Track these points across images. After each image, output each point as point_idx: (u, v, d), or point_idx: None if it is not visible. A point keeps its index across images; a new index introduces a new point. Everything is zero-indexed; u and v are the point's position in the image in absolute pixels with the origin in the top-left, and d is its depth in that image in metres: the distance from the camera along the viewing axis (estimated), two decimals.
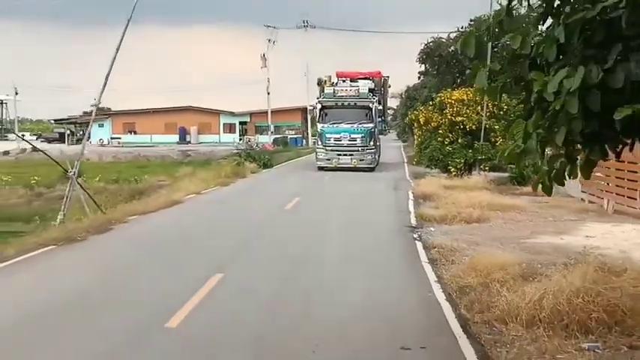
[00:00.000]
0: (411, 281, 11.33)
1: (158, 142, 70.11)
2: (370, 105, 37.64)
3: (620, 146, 5.73)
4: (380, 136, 43.37)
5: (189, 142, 71.85)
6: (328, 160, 36.60)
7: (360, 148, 36.56)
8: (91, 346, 7.84)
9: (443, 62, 47.11)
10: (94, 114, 24.76)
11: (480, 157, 28.10)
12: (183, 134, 73.75)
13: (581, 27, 5.19)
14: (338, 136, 36.66)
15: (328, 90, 38.82)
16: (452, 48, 42.55)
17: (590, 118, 5.21)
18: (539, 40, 5.56)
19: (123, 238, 15.70)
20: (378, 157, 39.96)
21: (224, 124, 76.23)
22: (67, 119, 79.86)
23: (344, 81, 41.17)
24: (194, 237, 15.75)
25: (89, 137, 30.33)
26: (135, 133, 74.73)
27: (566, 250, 13.49)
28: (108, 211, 19.61)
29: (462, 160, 28.48)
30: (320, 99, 38.84)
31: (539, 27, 5.84)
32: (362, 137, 36.52)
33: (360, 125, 36.74)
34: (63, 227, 16.45)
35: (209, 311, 9.27)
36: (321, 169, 36.28)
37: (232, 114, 76.00)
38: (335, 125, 36.93)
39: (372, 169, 36.25)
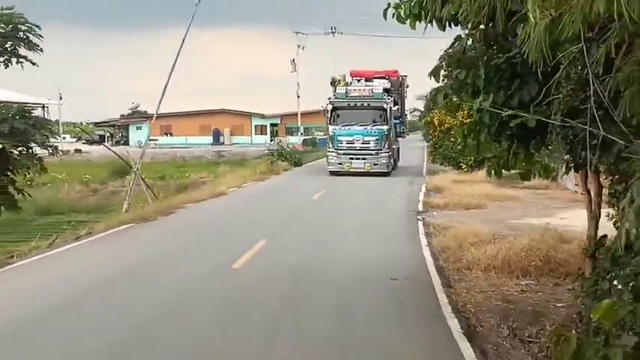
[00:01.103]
0: (408, 245, 15.23)
1: (193, 143, 74.28)
2: (385, 105, 35.42)
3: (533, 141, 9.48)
4: (399, 139, 42.27)
5: (223, 143, 75.98)
6: (340, 164, 34.87)
7: (373, 152, 34.68)
8: (182, 277, 11.82)
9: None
10: (154, 117, 29.17)
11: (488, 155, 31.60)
12: (216, 136, 78.09)
13: (496, 68, 8.97)
14: (350, 138, 34.85)
15: (340, 90, 36.53)
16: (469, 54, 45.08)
17: (503, 125, 8.99)
18: (475, 74, 9.34)
19: (185, 218, 19.82)
20: (394, 160, 38.21)
21: (255, 125, 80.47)
22: (107, 122, 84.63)
23: (358, 80, 39.18)
24: (240, 218, 19.80)
25: (148, 138, 34.60)
26: (171, 135, 79.20)
27: (540, 227, 17.12)
28: (163, 201, 23.72)
29: (472, 158, 32.08)
30: (331, 99, 36.41)
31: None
32: (376, 140, 34.66)
33: (373, 127, 34.86)
34: (134, 212, 20.53)
35: (259, 261, 13.26)
36: (332, 173, 34.66)
37: (263, 116, 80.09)
38: (347, 127, 34.99)
39: (386, 174, 34.56)
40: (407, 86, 43.89)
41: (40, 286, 11.46)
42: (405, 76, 43.25)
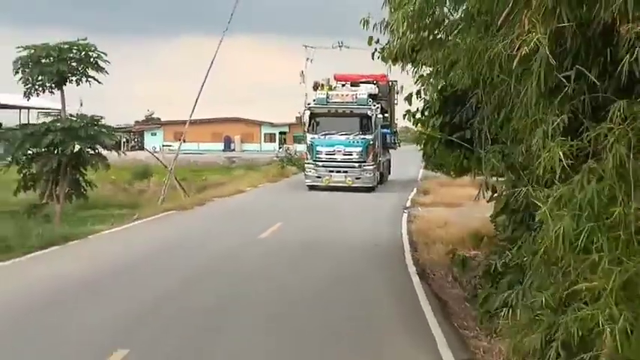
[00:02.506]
0: (392, 228, 20.08)
1: (205, 149, 79.20)
2: (369, 112, 32.34)
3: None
4: (391, 151, 40.02)
5: (233, 150, 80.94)
6: (318, 177, 31.93)
7: (356, 164, 31.87)
8: (225, 242, 16.61)
9: None
10: (187, 125, 33.82)
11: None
12: (227, 143, 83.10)
13: (446, 98, 13.73)
14: (330, 149, 31.99)
15: (320, 95, 33.36)
16: None
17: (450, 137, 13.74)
18: (433, 102, 14.09)
19: (215, 208, 24.77)
20: (381, 174, 35.55)
21: (265, 133, 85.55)
22: (122, 128, 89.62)
23: (343, 85, 36.11)
24: (260, 208, 24.85)
25: (184, 141, 39.41)
26: (184, 141, 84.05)
27: None
28: (193, 196, 28.59)
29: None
30: (309, 105, 33.74)
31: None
32: (359, 151, 31.78)
33: (356, 137, 32.07)
34: (170, 203, 25.33)
35: (278, 234, 18.24)
36: (311, 188, 31.92)
37: (272, 124, 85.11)
38: (327, 136, 32.24)
39: (370, 189, 31.79)
40: (397, 92, 36.92)
41: (123, 247, 16.37)
42: (395, 81, 36.80)
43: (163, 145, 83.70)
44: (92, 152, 21.19)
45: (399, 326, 10.04)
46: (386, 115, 36.95)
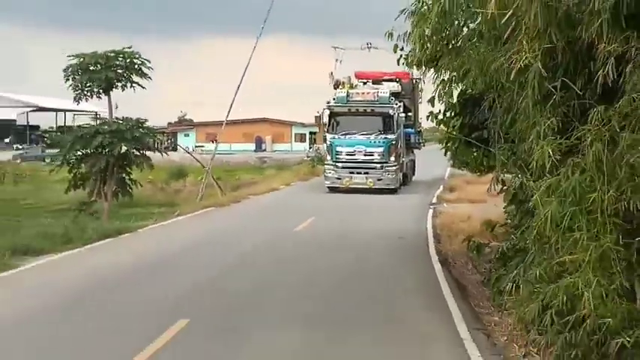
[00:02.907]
0: (418, 223, 21.38)
1: (237, 150, 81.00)
2: (390, 111, 31.39)
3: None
4: (415, 151, 39.45)
5: (265, 150, 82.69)
6: (338, 178, 31.05)
7: (378, 165, 30.96)
8: (263, 234, 18.09)
9: None
10: (223, 126, 35.43)
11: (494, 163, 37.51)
12: (259, 143, 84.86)
13: (465, 100, 15.06)
14: (351, 149, 31.15)
15: (340, 93, 32.36)
16: None
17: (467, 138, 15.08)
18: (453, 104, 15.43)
19: (251, 204, 26.35)
20: (405, 175, 34.87)
21: (295, 134, 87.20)
22: (156, 129, 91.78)
23: (365, 83, 35.19)
24: (294, 204, 26.47)
25: (214, 142, 40.87)
26: (216, 141, 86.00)
27: None
28: (228, 194, 30.15)
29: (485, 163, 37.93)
30: (329, 104, 32.29)
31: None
32: (381, 151, 30.94)
33: (378, 136, 31.20)
34: (208, 201, 26.90)
35: (311, 228, 19.71)
36: (332, 190, 31.18)
37: (303, 125, 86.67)
38: (347, 136, 31.39)
39: (392, 191, 30.86)
40: (421, 90, 35.61)
41: (170, 239, 17.95)
42: (419, 78, 33.67)
43: (196, 146, 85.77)
44: (137, 153, 22.78)
45: (421, 304, 11.44)
46: (409, 114, 36.13)
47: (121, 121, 22.59)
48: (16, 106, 78.83)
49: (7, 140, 79.52)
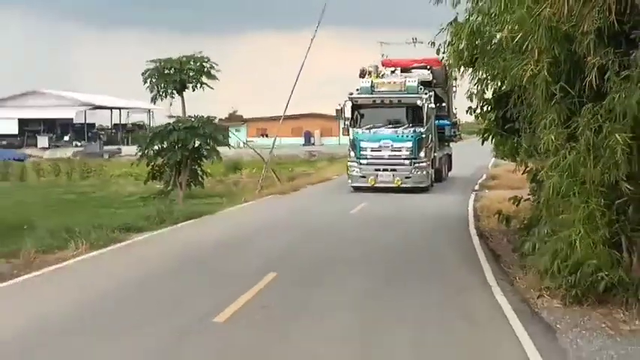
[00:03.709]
0: (460, 205, 24.01)
1: (286, 144, 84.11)
2: (419, 102, 28.66)
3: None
4: (451, 144, 37.42)
5: (313, 144, 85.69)
6: (363, 177, 28.90)
7: (406, 161, 28.47)
8: (321, 219, 20.90)
9: None
10: (281, 121, 38.27)
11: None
12: (307, 137, 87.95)
13: (499, 96, 17.63)
14: (376, 144, 28.85)
15: (364, 83, 29.92)
16: None
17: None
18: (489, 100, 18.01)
19: (308, 192, 29.41)
20: (437, 171, 32.00)
21: (342, 127, 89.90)
22: None
23: (393, 71, 33.02)
24: (346, 192, 29.03)
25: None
26: (266, 136, 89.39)
27: None
28: (284, 184, 33.07)
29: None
30: (352, 95, 29.76)
31: None
32: (409, 146, 28.48)
33: (406, 130, 28.82)
34: (268, 190, 29.84)
35: (364, 211, 22.49)
36: (356, 189, 29.05)
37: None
38: (372, 130, 29.06)
39: (423, 189, 28.64)
40: (455, 79, 30.02)
41: (247, 219, 20.95)
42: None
43: (247, 141, 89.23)
44: (208, 147, 25.74)
45: (460, 264, 14.16)
46: (443, 104, 34.20)
47: (193, 119, 25.55)
48: (74, 105, 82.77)
49: (66, 138, 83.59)
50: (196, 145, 25.32)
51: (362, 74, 31.26)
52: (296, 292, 11.48)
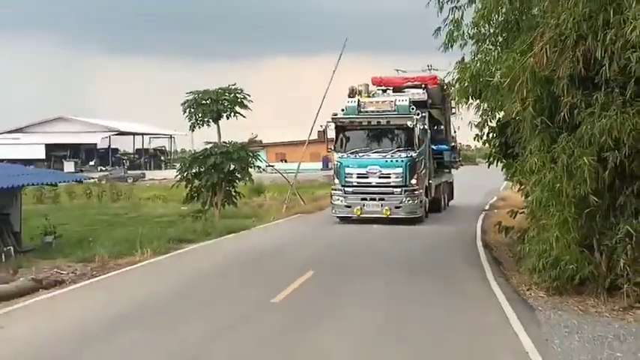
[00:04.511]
0: (470, 223, 26.81)
1: (305, 169, 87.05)
2: (410, 123, 26.27)
3: None
4: (452, 171, 35.38)
5: (331, 169, 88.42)
6: (348, 206, 26.59)
7: (396, 189, 26.11)
8: (347, 230, 23.78)
9: None
10: (305, 146, 41.16)
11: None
12: (325, 162, 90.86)
13: (503, 125, 20.50)
14: (362, 171, 26.54)
15: (350, 103, 27.55)
16: None
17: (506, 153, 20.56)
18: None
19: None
20: (434, 200, 29.68)
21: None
22: None
23: (384, 91, 30.71)
24: None
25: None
26: (285, 161, 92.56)
27: None
28: (308, 205, 35.96)
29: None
30: (336, 116, 27.59)
31: None
32: (399, 172, 26.12)
33: (395, 154, 26.45)
34: (294, 210, 32.73)
35: (384, 228, 25.18)
36: (342, 219, 27.09)
37: None
38: (358, 155, 26.78)
39: (415, 220, 26.23)
40: (453, 99, 27.10)
41: (280, 233, 23.87)
42: (450, 84, 29.37)
43: (267, 166, 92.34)
44: (241, 170, 28.66)
45: (465, 266, 16.99)
46: (441, 127, 32.43)
47: (228, 145, 28.51)
48: (98, 131, 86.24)
49: (91, 163, 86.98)
50: (231, 168, 28.21)
51: (351, 94, 28.57)
52: (331, 283, 14.53)
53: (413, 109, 26.97)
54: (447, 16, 15.43)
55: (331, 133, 27.86)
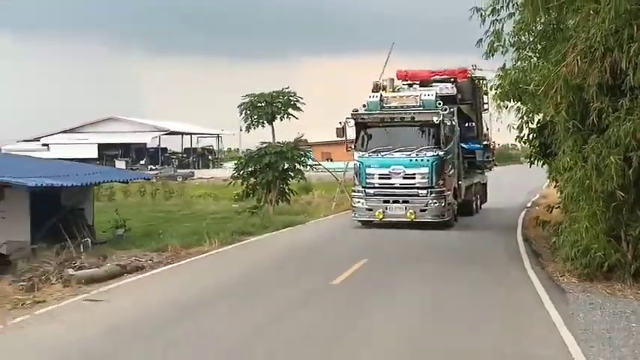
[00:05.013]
0: (513, 217, 28.32)
1: (351, 167, 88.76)
2: (436, 119, 24.45)
3: None
4: (485, 172, 33.25)
5: None
6: (369, 209, 25.07)
7: (421, 191, 24.44)
8: (393, 228, 25.53)
9: None
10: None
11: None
12: None
13: (541, 126, 22.10)
14: (385, 171, 24.92)
15: (372, 99, 25.94)
16: None
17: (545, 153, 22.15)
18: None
19: None
20: (465, 203, 28.12)
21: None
22: None
23: (411, 85, 29.06)
24: None
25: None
26: (331, 160, 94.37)
27: None
28: None
29: None
30: (356, 112, 25.87)
31: None
32: (425, 172, 24.43)
33: (420, 153, 24.60)
34: (342, 207, 34.50)
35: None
36: (364, 224, 25.65)
37: None
38: (380, 154, 25.08)
39: (443, 225, 24.60)
40: (486, 93, 29.74)
41: (334, 226, 25.72)
42: (482, 78, 29.51)
43: (315, 164, 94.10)
44: (293, 169, 30.58)
45: (505, 257, 18.61)
46: (472, 124, 30.18)
47: (282, 145, 30.44)
48: (147, 131, 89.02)
49: (142, 162, 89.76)
50: (285, 167, 30.12)
51: (375, 89, 27.07)
52: (383, 268, 16.40)
53: (440, 104, 25.15)
54: (488, 28, 17.10)
55: (351, 131, 25.99)
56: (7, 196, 19.54)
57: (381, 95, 25.96)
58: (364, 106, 25.93)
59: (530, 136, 22.45)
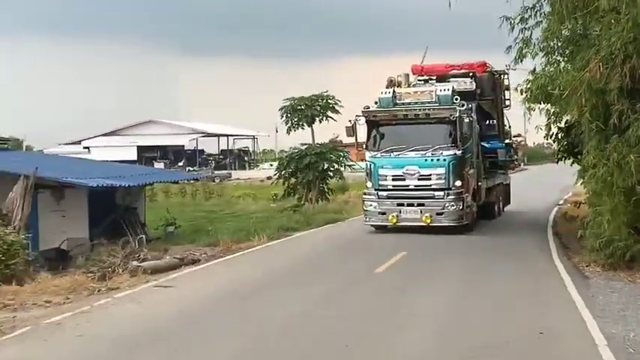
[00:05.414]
0: (545, 213, 29.51)
1: None
2: (452, 116, 22.95)
3: None
4: (507, 172, 31.59)
5: None
6: (382, 213, 23.52)
7: (437, 193, 22.92)
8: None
9: None
10: None
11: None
12: None
13: (569, 127, 23.34)
14: (399, 172, 23.35)
15: (384, 95, 24.06)
16: None
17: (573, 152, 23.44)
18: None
19: None
20: (486, 205, 26.42)
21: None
22: None
23: (427, 81, 27.08)
24: None
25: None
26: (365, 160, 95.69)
27: None
28: None
29: None
30: (368, 109, 24.09)
31: None
32: (441, 173, 22.94)
33: (437, 152, 23.06)
34: None
35: None
36: (378, 228, 24.14)
37: None
38: (394, 154, 23.45)
39: (462, 229, 23.06)
40: (507, 88, 28.41)
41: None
42: (504, 72, 27.81)
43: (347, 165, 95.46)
44: (333, 169, 32.11)
45: (536, 250, 19.92)
46: (492, 121, 28.37)
47: (321, 146, 31.98)
48: (186, 133, 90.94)
49: (180, 163, 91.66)
50: (325, 167, 31.63)
51: (389, 85, 25.20)
52: (422, 259, 18.02)
53: (457, 99, 23.50)
54: (517, 35, 18.38)
55: (362, 130, 24.37)
56: (67, 195, 21.32)
57: (394, 91, 24.13)
58: (376, 102, 24.08)
59: (559, 135, 23.65)
